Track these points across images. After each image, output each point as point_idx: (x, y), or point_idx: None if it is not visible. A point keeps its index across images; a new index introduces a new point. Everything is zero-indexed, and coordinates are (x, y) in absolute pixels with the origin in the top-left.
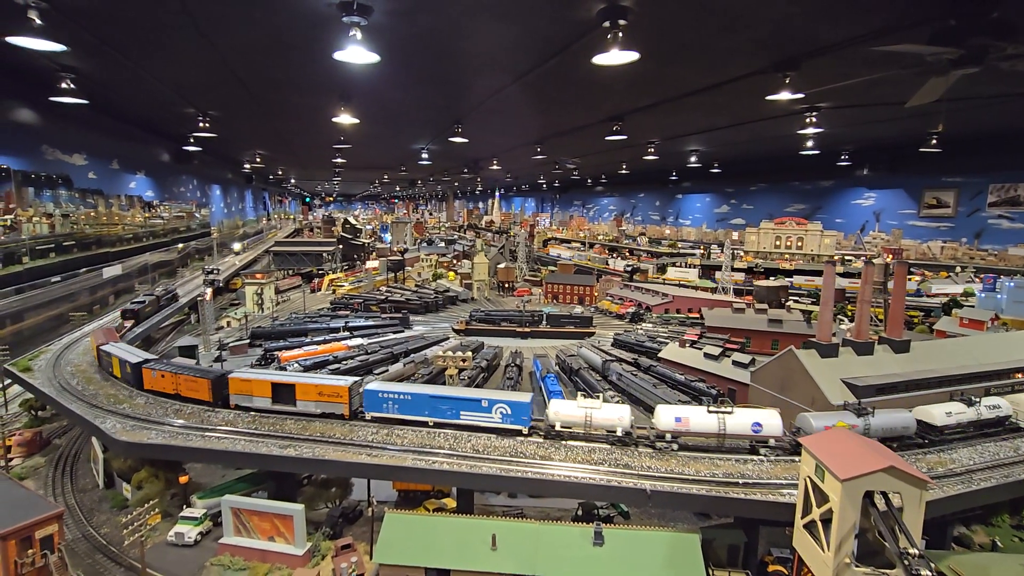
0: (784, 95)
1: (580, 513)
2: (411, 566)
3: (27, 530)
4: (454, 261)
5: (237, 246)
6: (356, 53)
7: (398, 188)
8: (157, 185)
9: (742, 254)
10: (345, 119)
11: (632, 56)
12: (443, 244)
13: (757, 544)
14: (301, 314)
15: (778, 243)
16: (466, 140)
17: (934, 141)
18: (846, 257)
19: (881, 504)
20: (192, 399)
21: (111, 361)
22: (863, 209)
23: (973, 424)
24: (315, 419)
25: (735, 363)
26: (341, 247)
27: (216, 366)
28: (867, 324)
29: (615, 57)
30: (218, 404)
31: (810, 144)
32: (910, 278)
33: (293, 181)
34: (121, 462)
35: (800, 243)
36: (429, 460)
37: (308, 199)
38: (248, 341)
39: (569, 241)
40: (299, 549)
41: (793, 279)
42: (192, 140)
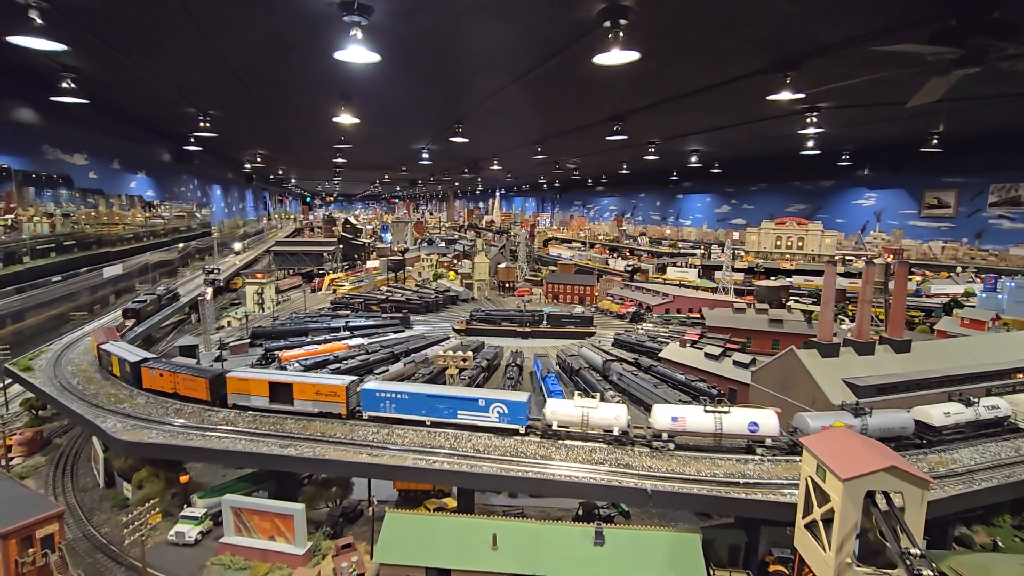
0: (785, 95)
1: (581, 513)
2: (412, 566)
3: (28, 529)
4: (454, 261)
5: (238, 246)
6: (357, 53)
7: (398, 188)
8: (158, 185)
9: (743, 254)
10: (346, 119)
11: (633, 56)
12: (443, 244)
13: (758, 544)
14: (302, 314)
15: (779, 243)
16: (466, 140)
17: (935, 141)
18: (847, 257)
19: (883, 504)
20: (190, 398)
21: (111, 360)
22: (864, 209)
23: (972, 424)
24: (315, 419)
25: (736, 363)
26: (342, 247)
27: (217, 366)
28: (868, 324)
29: (616, 57)
30: (216, 403)
31: (811, 144)
32: (910, 278)
33: (294, 181)
34: (122, 461)
35: (801, 243)
36: (430, 460)
37: (309, 199)
38: (249, 341)
39: (570, 241)
40: (300, 549)
41: (792, 279)
42: (193, 140)
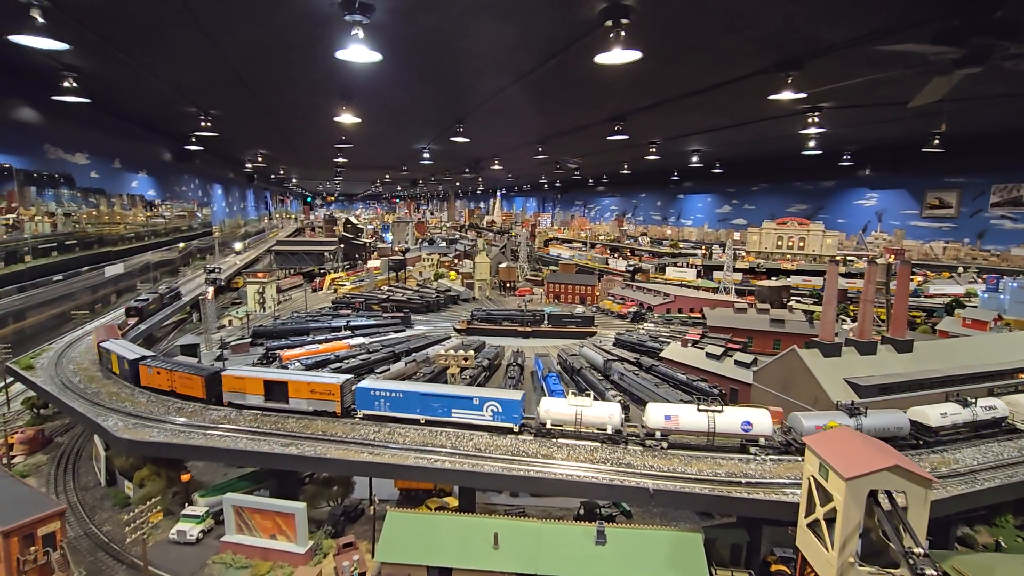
0: (786, 95)
1: (582, 512)
2: (413, 564)
3: (29, 527)
4: (455, 261)
5: (239, 245)
6: (358, 52)
7: (400, 188)
8: (159, 184)
9: (744, 254)
10: (347, 118)
11: (634, 55)
12: (444, 244)
13: (760, 543)
14: (303, 313)
15: (780, 243)
16: (468, 140)
17: (936, 141)
18: (848, 257)
19: (886, 503)
20: (187, 396)
21: (111, 358)
22: (865, 209)
23: (969, 425)
24: (315, 418)
25: (737, 363)
26: (343, 246)
27: (218, 364)
28: (870, 324)
29: (617, 56)
30: (212, 401)
31: (812, 144)
32: (911, 279)
33: (295, 180)
34: (123, 460)
35: (802, 243)
36: (431, 459)
37: (310, 199)
38: (250, 340)
39: (570, 241)
40: (301, 547)
41: (791, 279)
42: (194, 139)
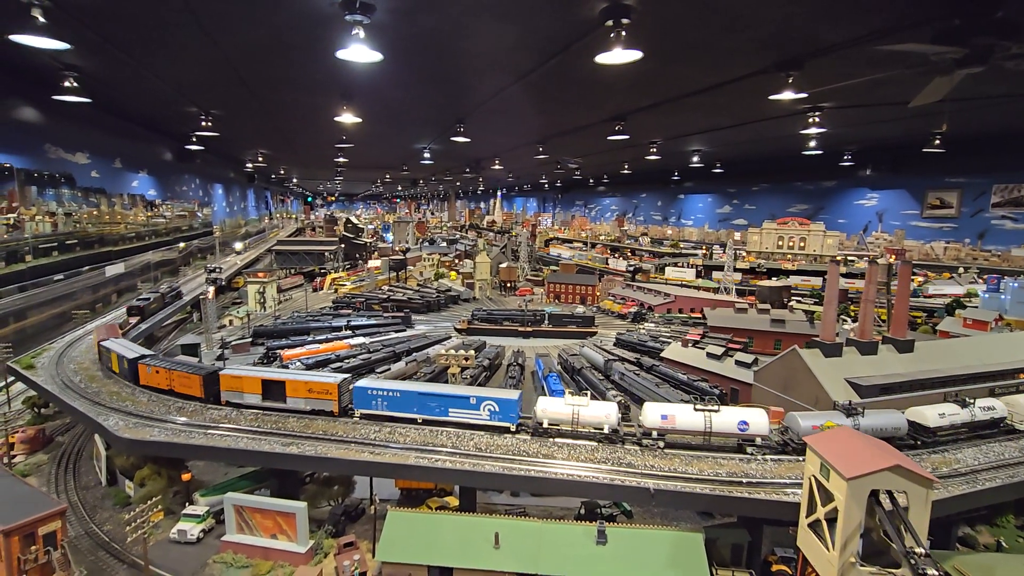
0: (787, 95)
1: (583, 512)
2: (414, 564)
3: (30, 526)
4: (456, 261)
5: (239, 245)
6: (359, 52)
7: (400, 188)
8: (159, 184)
9: (744, 254)
10: (347, 118)
11: (635, 55)
12: (445, 244)
13: (761, 543)
14: (303, 313)
15: (780, 243)
16: (468, 139)
17: (937, 141)
18: (848, 258)
19: (887, 503)
20: (185, 395)
21: (111, 357)
22: (866, 209)
23: (967, 425)
24: (315, 417)
25: (738, 363)
26: (343, 246)
27: (217, 364)
28: (871, 324)
29: (618, 56)
30: (210, 400)
31: (813, 144)
32: (912, 279)
33: (295, 180)
34: (124, 459)
35: (803, 243)
36: (431, 458)
37: (310, 198)
38: (251, 340)
39: (571, 241)
40: (302, 547)
41: (791, 279)
42: (194, 139)
